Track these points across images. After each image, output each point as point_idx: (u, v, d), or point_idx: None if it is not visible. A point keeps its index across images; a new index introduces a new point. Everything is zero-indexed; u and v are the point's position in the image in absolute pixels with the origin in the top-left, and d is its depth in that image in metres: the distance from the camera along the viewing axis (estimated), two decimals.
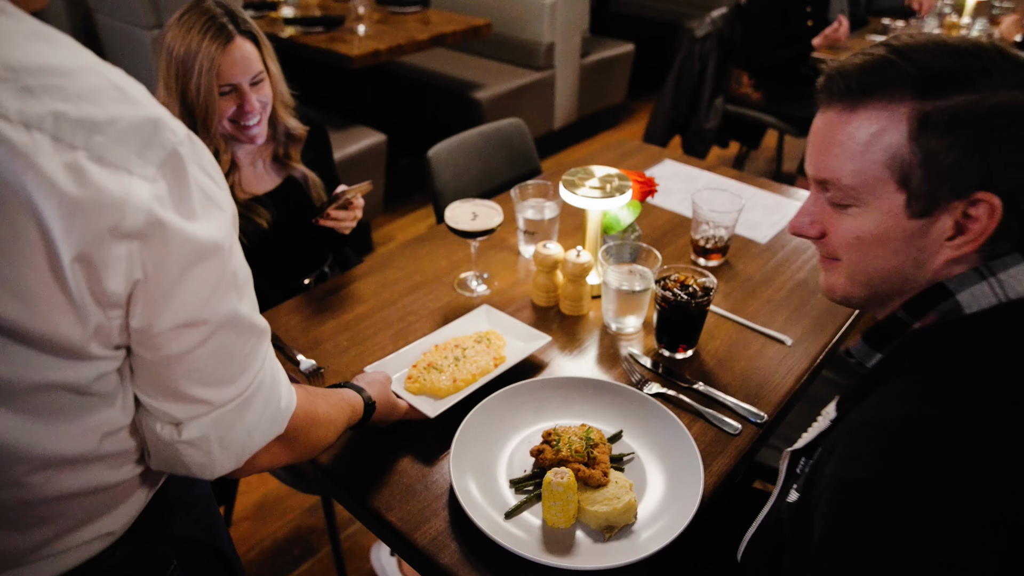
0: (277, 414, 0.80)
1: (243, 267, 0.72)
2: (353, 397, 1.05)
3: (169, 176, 0.62)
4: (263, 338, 0.77)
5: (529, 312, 1.49)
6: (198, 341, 0.68)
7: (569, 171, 1.49)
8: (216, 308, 0.68)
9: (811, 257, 1.70)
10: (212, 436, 0.74)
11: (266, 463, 0.84)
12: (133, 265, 0.61)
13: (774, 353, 1.39)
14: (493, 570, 0.97)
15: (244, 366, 0.74)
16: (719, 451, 1.17)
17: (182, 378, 0.70)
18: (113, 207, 0.58)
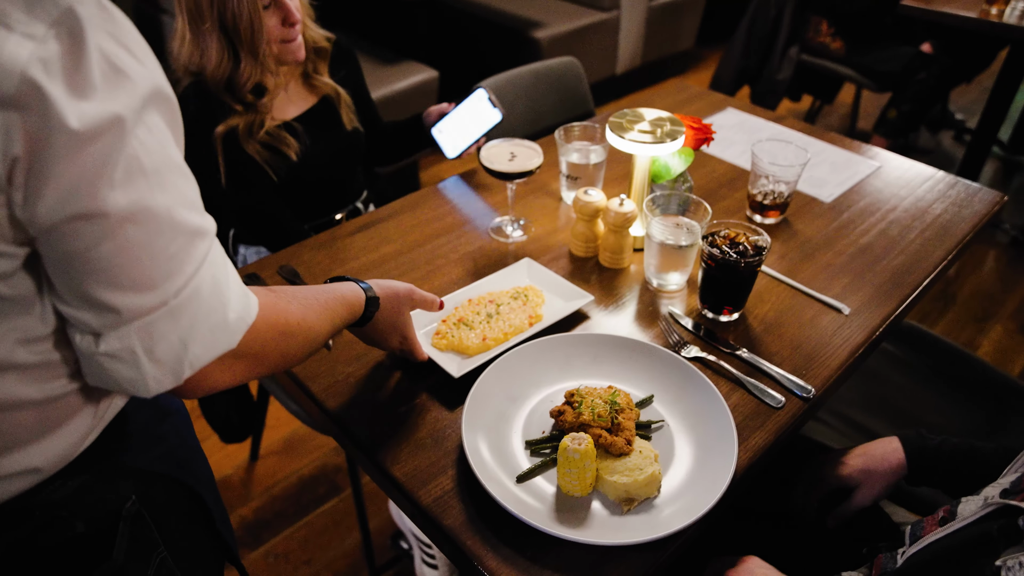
0: (224, 326, 0.69)
1: (162, 153, 0.62)
2: (350, 291, 0.94)
3: (64, 39, 0.53)
4: (197, 239, 0.66)
5: (566, 262, 1.40)
6: (98, 237, 0.59)
7: (617, 112, 1.37)
8: (115, 199, 0.58)
9: (879, 220, 1.55)
10: (137, 348, 0.64)
11: (222, 380, 0.73)
12: (9, 140, 0.53)
13: (829, 322, 1.26)
14: (500, 537, 0.90)
15: (168, 269, 0.63)
16: (758, 425, 1.07)
17: (90, 280, 0.61)
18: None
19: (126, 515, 0.77)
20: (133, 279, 0.62)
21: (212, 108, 1.51)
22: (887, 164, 1.77)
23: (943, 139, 4.04)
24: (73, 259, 0.59)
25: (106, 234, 0.59)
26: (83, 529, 0.73)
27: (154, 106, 0.61)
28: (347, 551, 1.95)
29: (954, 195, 1.65)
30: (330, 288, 0.92)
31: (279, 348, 0.79)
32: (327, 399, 1.09)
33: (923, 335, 1.73)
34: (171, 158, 0.63)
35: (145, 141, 0.59)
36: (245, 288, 0.74)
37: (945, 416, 1.59)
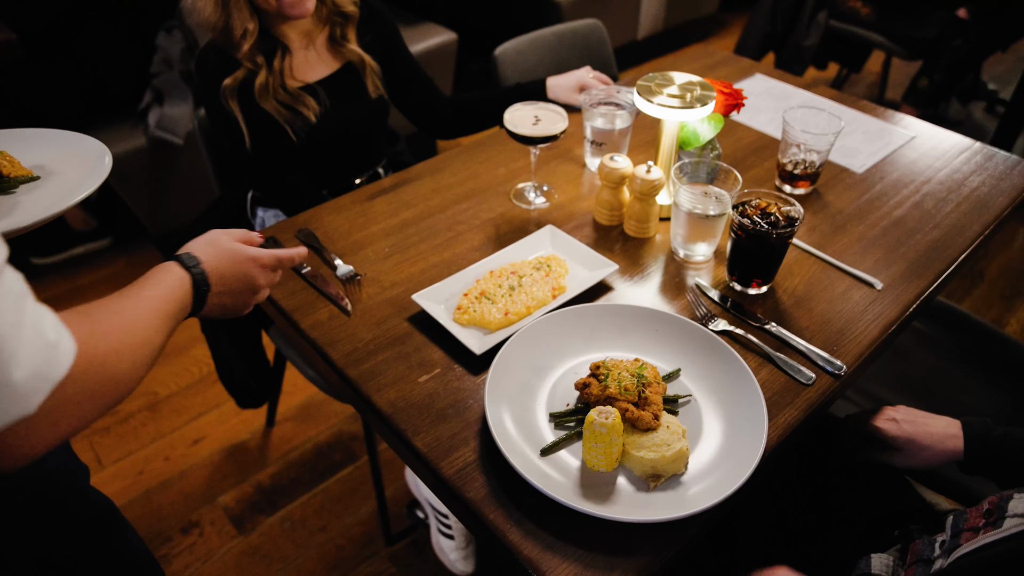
0: (4, 391, 0.55)
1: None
2: (165, 274, 0.82)
3: None
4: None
5: (590, 231, 1.36)
6: None
7: (646, 76, 1.32)
8: None
9: (913, 192, 1.50)
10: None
11: (33, 447, 0.59)
12: None
13: (860, 297, 1.22)
14: (523, 511, 0.88)
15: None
16: (788, 402, 1.04)
17: None
18: None
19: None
20: None
21: (231, 66, 1.47)
22: (921, 135, 1.71)
23: (974, 110, 3.93)
24: None
25: None
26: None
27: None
28: (362, 519, 1.95)
29: (991, 167, 1.59)
30: (151, 284, 0.80)
31: (110, 383, 0.66)
32: (347, 366, 1.07)
33: (951, 312, 1.68)
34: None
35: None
36: (55, 335, 0.59)
37: (973, 396, 1.55)
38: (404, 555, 1.87)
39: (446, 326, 1.10)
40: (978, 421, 1.08)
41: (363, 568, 1.84)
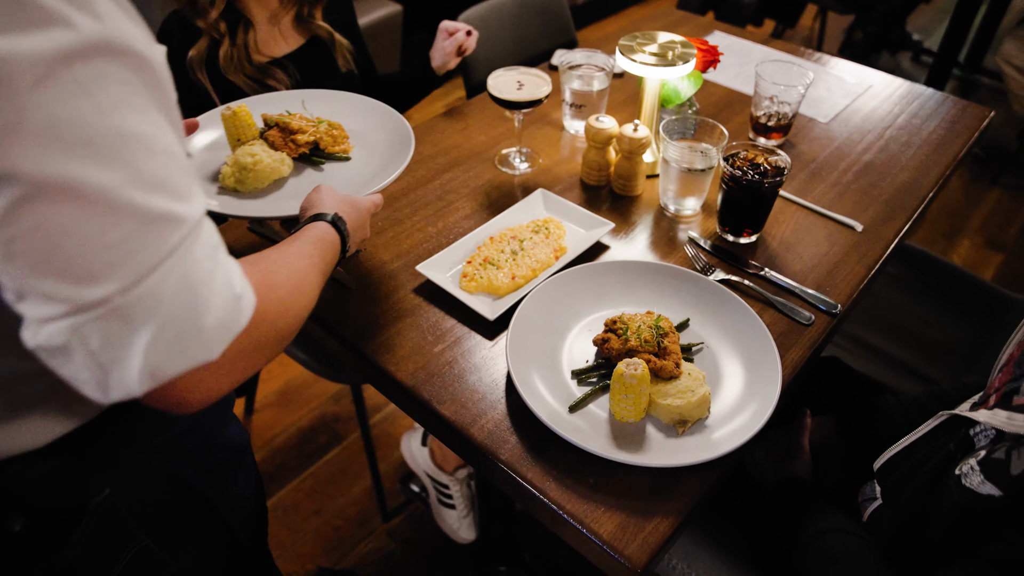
0: (197, 333, 0.57)
1: (107, 121, 0.50)
2: (323, 233, 0.85)
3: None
4: (159, 226, 0.54)
5: (578, 192, 1.37)
6: (8, 203, 0.48)
7: (627, 35, 1.33)
8: (33, 160, 0.47)
9: (878, 138, 1.56)
10: (76, 348, 0.54)
11: (216, 390, 0.62)
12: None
13: (844, 239, 1.28)
14: (559, 468, 0.90)
15: (109, 260, 0.52)
16: (792, 342, 1.08)
17: (16, 263, 0.51)
18: None
19: (93, 509, 0.71)
20: (63, 267, 0.51)
21: (193, 37, 1.42)
22: (878, 83, 1.77)
23: (901, 60, 4.08)
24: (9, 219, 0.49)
25: (19, 201, 0.48)
26: (22, 527, 0.66)
27: (99, 62, 0.49)
28: (356, 498, 1.95)
29: (944, 111, 1.67)
30: (300, 239, 0.83)
31: (279, 330, 0.68)
32: (360, 342, 1.07)
33: (915, 252, 1.77)
34: (123, 127, 0.51)
35: (73, 107, 0.48)
36: (240, 287, 0.61)
37: (940, 329, 1.64)
38: (402, 530, 1.88)
39: (455, 295, 1.11)
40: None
41: (362, 546, 1.84)
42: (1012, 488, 0.72)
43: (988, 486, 0.74)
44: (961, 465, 0.80)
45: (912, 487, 0.89)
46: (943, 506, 0.80)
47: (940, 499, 0.81)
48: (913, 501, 0.88)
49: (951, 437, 0.87)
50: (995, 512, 0.73)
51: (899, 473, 0.94)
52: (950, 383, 1.20)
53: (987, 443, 0.80)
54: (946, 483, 0.81)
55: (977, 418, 0.81)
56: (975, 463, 0.77)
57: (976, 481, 0.76)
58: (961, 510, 0.77)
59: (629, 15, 4.64)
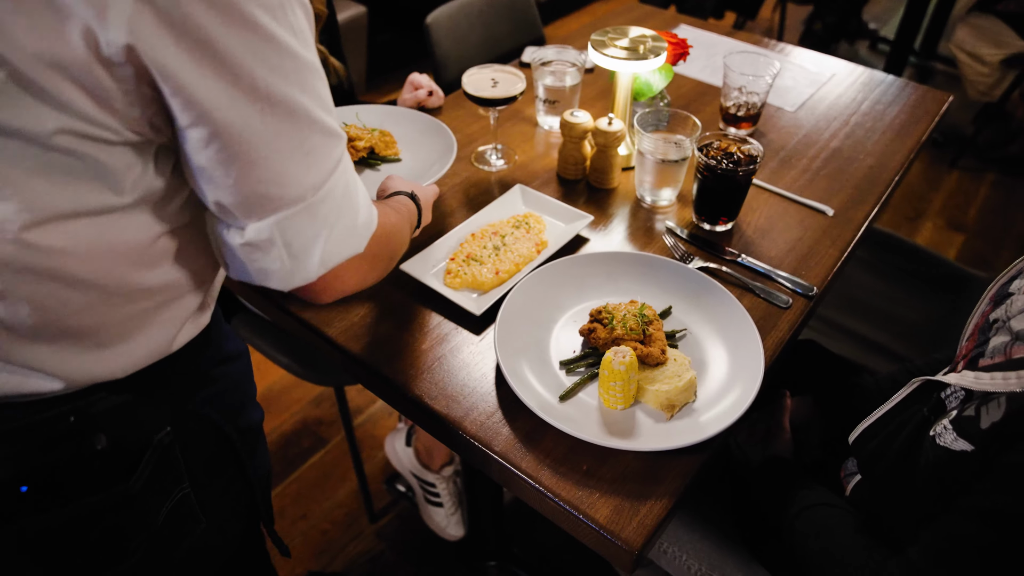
0: (354, 230, 0.74)
1: (304, 53, 0.64)
2: (406, 202, 1.02)
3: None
4: (333, 140, 0.69)
5: (555, 186, 1.39)
6: (247, 122, 0.61)
7: (599, 31, 1.35)
8: (272, 83, 0.60)
9: (843, 124, 1.60)
10: (277, 240, 0.68)
11: (350, 283, 0.79)
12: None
13: (816, 224, 1.31)
14: (553, 456, 0.92)
15: (307, 165, 0.66)
16: (772, 325, 1.11)
17: (238, 170, 0.63)
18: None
19: (156, 444, 0.76)
20: (277, 171, 0.64)
21: None
22: (840, 71, 1.82)
23: (859, 49, 4.17)
24: (225, 146, 0.61)
25: (262, 119, 0.61)
26: (104, 446, 0.72)
27: (296, 6, 0.62)
28: (342, 501, 1.94)
29: (905, 97, 1.72)
30: (400, 200, 1.00)
31: (392, 248, 0.87)
32: (348, 343, 1.07)
33: (883, 235, 1.82)
34: (310, 60, 0.64)
35: (286, 38, 0.61)
36: (368, 196, 0.79)
37: (909, 308, 1.69)
38: (390, 530, 1.88)
39: (441, 292, 1.12)
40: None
41: (351, 548, 1.84)
42: (983, 441, 0.75)
43: (961, 442, 0.78)
44: (935, 426, 0.83)
45: (889, 455, 0.92)
46: (920, 467, 0.84)
47: (917, 461, 0.85)
48: (892, 468, 0.91)
49: (924, 403, 0.90)
50: (969, 466, 0.76)
51: (874, 444, 0.97)
52: (922, 360, 1.24)
53: (958, 403, 0.84)
54: (922, 445, 0.85)
55: (947, 381, 0.85)
56: (947, 423, 0.81)
57: (950, 439, 0.79)
58: (937, 466, 0.80)
59: (592, 11, 4.68)
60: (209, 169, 0.63)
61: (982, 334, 0.90)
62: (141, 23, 0.53)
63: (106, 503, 0.72)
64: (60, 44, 0.53)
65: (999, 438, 0.74)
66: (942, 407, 0.87)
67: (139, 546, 0.77)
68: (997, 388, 0.76)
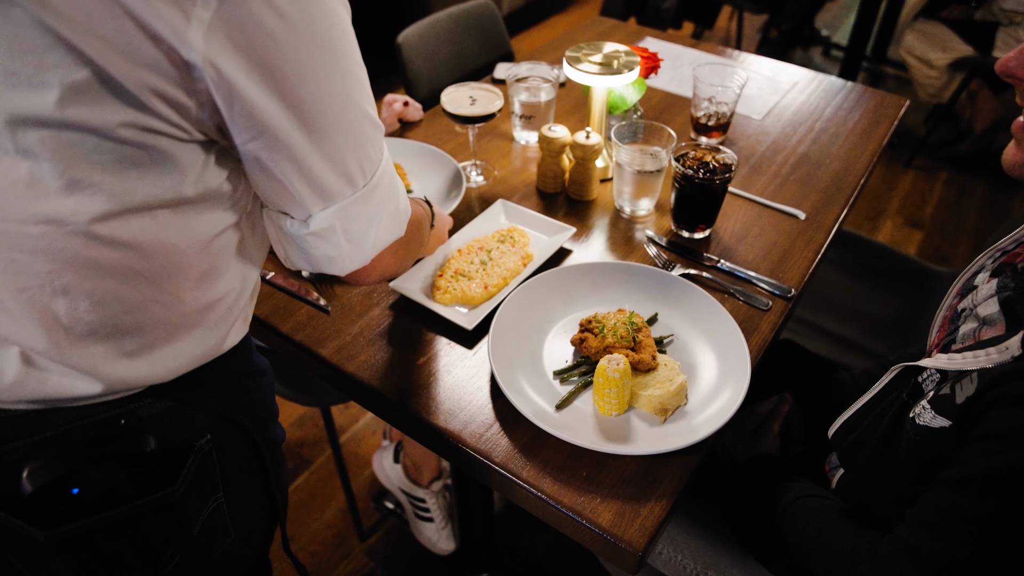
0: (397, 214, 0.81)
1: (353, 50, 0.69)
2: (422, 201, 1.06)
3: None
4: (378, 132, 0.75)
5: (535, 200, 1.42)
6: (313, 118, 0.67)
7: (573, 47, 1.38)
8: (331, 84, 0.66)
9: (808, 130, 1.66)
10: (338, 228, 0.75)
11: (390, 267, 0.86)
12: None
13: (790, 228, 1.36)
14: (552, 464, 0.94)
15: (360, 155, 0.73)
16: (754, 327, 1.15)
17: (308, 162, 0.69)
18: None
19: (198, 450, 0.77)
20: (336, 165, 0.71)
21: None
22: (802, 79, 1.88)
23: (814, 55, 4.29)
24: (285, 150, 0.66)
25: (316, 119, 0.66)
26: (154, 448, 0.73)
27: (337, 3, 0.66)
28: (329, 521, 1.94)
29: (865, 102, 1.78)
30: (415, 199, 1.02)
31: (422, 238, 0.95)
32: (343, 362, 1.08)
33: (849, 235, 1.88)
34: (356, 55, 0.70)
35: (344, 41, 0.67)
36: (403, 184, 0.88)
37: (877, 304, 1.75)
38: (380, 547, 1.88)
39: (431, 308, 1.13)
40: None
41: (341, 568, 1.84)
42: (959, 415, 0.80)
43: (939, 419, 0.82)
44: (914, 408, 0.88)
45: (871, 442, 0.96)
46: (902, 448, 0.88)
47: (899, 444, 0.89)
48: (875, 453, 0.95)
49: (903, 389, 0.95)
50: (948, 440, 0.81)
51: (855, 435, 1.01)
52: (895, 354, 1.29)
53: (934, 385, 0.89)
54: (903, 427, 0.89)
55: (924, 364, 0.89)
56: (926, 403, 0.86)
57: (928, 418, 0.84)
58: (919, 444, 0.85)
59: (553, 24, 4.74)
60: (272, 171, 0.68)
61: (951, 323, 0.95)
62: (216, 38, 0.57)
63: (152, 507, 0.74)
64: (143, 50, 0.56)
65: (973, 410, 0.78)
66: (919, 391, 0.91)
67: (176, 552, 0.78)
68: (968, 366, 0.81)
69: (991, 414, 0.76)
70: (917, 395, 0.91)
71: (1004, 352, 0.78)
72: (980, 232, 3.04)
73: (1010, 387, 0.75)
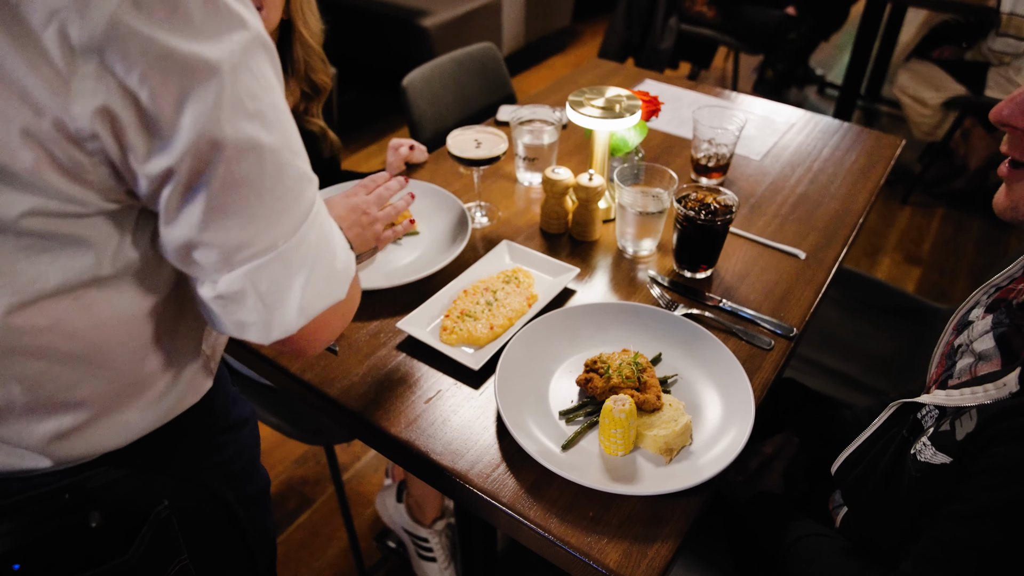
0: (332, 274, 0.71)
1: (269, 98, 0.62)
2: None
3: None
4: (304, 184, 0.67)
5: (539, 241, 1.44)
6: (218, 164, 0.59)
7: (575, 91, 1.42)
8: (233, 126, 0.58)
9: (807, 171, 1.69)
10: (249, 291, 0.65)
11: (333, 332, 0.77)
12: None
13: (790, 267, 1.38)
14: (559, 504, 0.94)
15: (278, 211, 0.64)
16: (756, 367, 1.16)
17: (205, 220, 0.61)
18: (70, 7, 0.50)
19: (153, 518, 0.75)
20: (246, 219, 0.62)
21: None
22: (799, 120, 1.92)
23: (809, 94, 4.37)
24: (189, 199, 0.60)
25: (229, 164, 0.59)
26: (98, 524, 0.71)
27: (258, 51, 0.61)
28: (331, 560, 1.92)
29: (862, 142, 1.82)
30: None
31: (358, 293, 0.83)
32: (350, 402, 1.09)
33: (848, 272, 1.90)
34: (277, 104, 0.63)
35: (250, 85, 0.59)
36: (345, 240, 0.76)
37: (876, 340, 1.77)
38: None
39: (438, 348, 1.15)
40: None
41: None
42: (959, 451, 0.81)
43: (940, 456, 0.83)
44: (915, 445, 0.89)
45: (873, 478, 0.97)
46: (904, 484, 0.88)
47: (901, 480, 0.89)
48: (877, 490, 0.96)
49: (902, 426, 0.96)
50: (949, 476, 0.82)
51: (858, 471, 1.02)
52: (896, 392, 1.30)
53: (933, 421, 0.90)
54: (904, 464, 0.90)
55: (922, 401, 0.91)
56: (926, 439, 0.87)
57: (929, 454, 0.85)
58: (920, 481, 0.86)
59: (552, 64, 4.82)
60: (176, 223, 0.62)
61: (948, 359, 0.97)
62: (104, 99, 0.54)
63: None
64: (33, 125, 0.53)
65: (973, 447, 0.79)
66: (919, 427, 0.92)
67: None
68: (967, 402, 0.82)
69: (991, 450, 0.77)
70: (917, 431, 0.92)
71: (1002, 388, 0.79)
72: (977, 267, 3.07)
73: (1009, 423, 0.76)
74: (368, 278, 1.30)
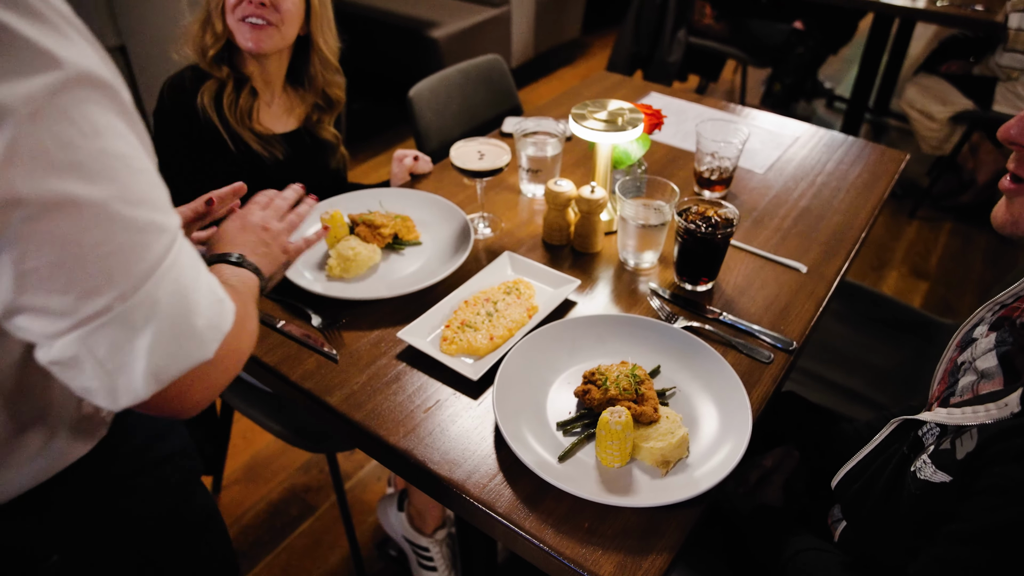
0: (190, 336, 0.63)
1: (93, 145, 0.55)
2: (244, 274, 0.91)
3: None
4: (148, 237, 0.59)
5: (541, 252, 1.45)
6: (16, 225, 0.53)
7: (579, 104, 1.43)
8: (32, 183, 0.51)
9: (810, 185, 1.69)
10: (85, 357, 0.59)
11: (208, 393, 0.68)
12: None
13: (791, 280, 1.38)
14: (555, 515, 0.95)
15: (108, 269, 0.57)
16: (756, 380, 1.16)
17: (23, 284, 0.55)
18: None
19: (42, 573, 0.74)
20: (68, 281, 0.56)
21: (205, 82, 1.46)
22: (804, 134, 1.92)
23: (817, 107, 4.37)
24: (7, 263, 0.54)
25: (31, 224, 0.53)
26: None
27: (79, 91, 0.53)
28: (332, 568, 1.93)
29: (866, 156, 1.82)
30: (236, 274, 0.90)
31: (250, 340, 0.75)
32: (349, 411, 1.10)
33: (852, 286, 1.90)
34: (108, 149, 0.56)
35: (62, 133, 0.52)
36: (221, 292, 0.68)
37: (879, 354, 1.76)
38: None
39: (438, 358, 1.15)
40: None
41: None
42: (959, 471, 0.81)
43: (940, 474, 0.83)
44: (915, 462, 0.89)
45: (873, 495, 0.97)
46: (904, 501, 0.88)
47: (900, 497, 0.89)
48: (877, 506, 0.96)
49: (903, 443, 0.96)
50: (949, 495, 0.81)
51: (858, 486, 1.02)
52: (898, 407, 1.30)
53: (934, 439, 0.90)
54: (904, 481, 0.90)
55: (923, 418, 0.90)
56: (926, 457, 0.87)
57: (929, 472, 0.85)
58: (920, 499, 0.85)
59: (561, 75, 4.85)
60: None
61: (951, 376, 0.96)
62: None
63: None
64: None
65: (974, 466, 0.79)
66: (920, 445, 0.92)
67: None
68: (968, 421, 0.82)
69: (992, 470, 0.77)
70: (918, 449, 0.92)
71: (1004, 408, 0.79)
72: (985, 282, 3.05)
73: (1009, 444, 0.76)
74: (370, 288, 1.32)
